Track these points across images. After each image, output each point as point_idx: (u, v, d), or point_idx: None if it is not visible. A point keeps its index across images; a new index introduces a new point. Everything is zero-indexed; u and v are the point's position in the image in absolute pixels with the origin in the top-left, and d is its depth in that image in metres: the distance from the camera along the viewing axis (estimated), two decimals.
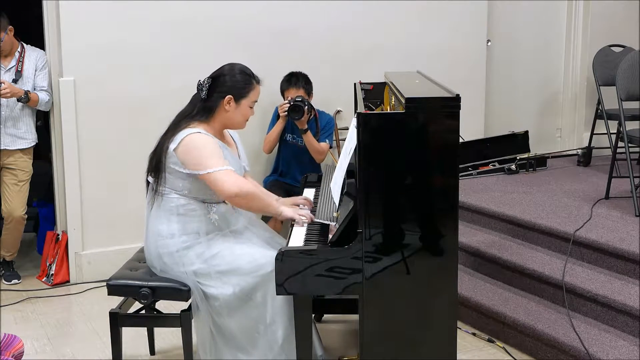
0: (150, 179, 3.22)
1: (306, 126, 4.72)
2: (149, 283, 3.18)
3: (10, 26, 4.56)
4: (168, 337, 3.87)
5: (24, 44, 4.68)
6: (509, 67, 6.28)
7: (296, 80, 4.83)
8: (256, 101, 3.26)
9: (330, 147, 5.01)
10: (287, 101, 4.72)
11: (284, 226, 4.41)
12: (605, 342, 3.43)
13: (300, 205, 3.40)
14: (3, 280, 4.75)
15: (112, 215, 4.77)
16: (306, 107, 4.65)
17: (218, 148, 3.12)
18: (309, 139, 4.75)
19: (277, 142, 4.91)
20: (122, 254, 4.09)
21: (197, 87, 3.21)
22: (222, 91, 3.17)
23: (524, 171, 5.63)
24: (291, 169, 4.95)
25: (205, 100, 3.19)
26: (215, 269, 3.11)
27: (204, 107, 3.19)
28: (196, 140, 3.09)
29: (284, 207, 3.25)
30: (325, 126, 4.91)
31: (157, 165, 3.16)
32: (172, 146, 3.11)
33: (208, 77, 3.21)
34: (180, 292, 3.14)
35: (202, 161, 3.06)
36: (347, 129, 4.64)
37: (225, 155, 3.17)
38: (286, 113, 4.68)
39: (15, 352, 2.90)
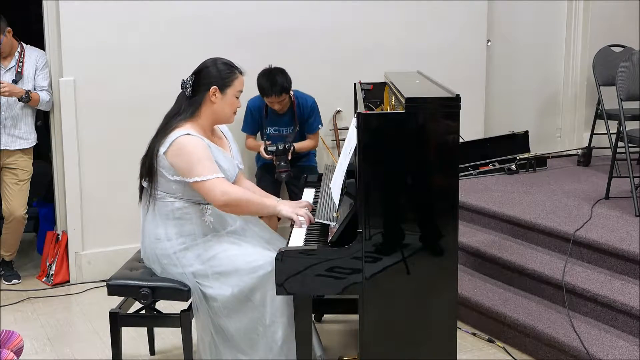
0: (145, 184, 3.21)
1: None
2: (149, 283, 3.18)
3: (9, 28, 4.55)
4: (168, 337, 3.86)
5: (24, 44, 4.67)
6: (509, 67, 6.27)
7: (273, 83, 4.63)
8: (241, 91, 3.24)
9: (321, 126, 4.96)
10: (266, 151, 4.64)
11: (285, 227, 4.40)
12: (605, 342, 3.43)
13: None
14: (3, 280, 4.75)
15: (112, 215, 4.76)
16: (283, 146, 4.61)
17: (207, 152, 3.09)
18: (299, 146, 4.76)
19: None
20: (122, 254, 4.09)
21: (181, 86, 3.20)
22: (206, 83, 3.16)
23: (524, 171, 5.62)
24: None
25: (191, 97, 3.18)
26: (214, 270, 3.11)
27: (190, 104, 3.18)
28: (185, 144, 3.07)
29: (283, 205, 3.23)
30: (310, 112, 4.86)
31: (149, 168, 3.15)
32: (162, 149, 3.10)
33: (191, 74, 3.20)
34: (180, 292, 3.14)
35: (190, 168, 3.05)
36: (347, 129, 4.64)
37: (216, 156, 3.16)
38: (274, 157, 4.63)
39: (13, 347, 2.89)
